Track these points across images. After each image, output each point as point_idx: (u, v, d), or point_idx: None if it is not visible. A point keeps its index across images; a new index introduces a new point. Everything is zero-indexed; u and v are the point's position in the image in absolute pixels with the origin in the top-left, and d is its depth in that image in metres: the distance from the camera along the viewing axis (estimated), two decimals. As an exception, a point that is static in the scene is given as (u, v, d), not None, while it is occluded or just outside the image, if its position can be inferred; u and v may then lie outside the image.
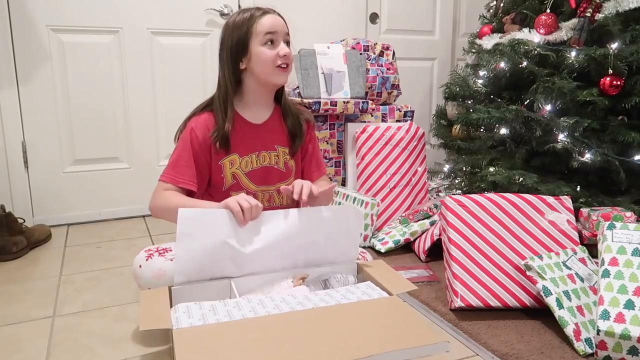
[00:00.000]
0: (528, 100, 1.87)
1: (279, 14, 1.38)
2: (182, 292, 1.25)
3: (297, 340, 0.98)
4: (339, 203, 2.13)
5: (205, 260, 1.19)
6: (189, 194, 1.37)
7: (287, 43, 1.37)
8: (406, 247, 1.95)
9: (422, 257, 1.84)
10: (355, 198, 2.05)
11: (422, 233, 1.92)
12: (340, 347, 0.96)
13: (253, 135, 1.42)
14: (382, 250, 1.91)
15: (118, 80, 2.34)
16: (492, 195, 1.51)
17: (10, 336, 1.35)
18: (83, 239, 2.15)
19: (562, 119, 1.72)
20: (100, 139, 2.36)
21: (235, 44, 1.34)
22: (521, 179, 1.77)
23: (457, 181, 2.24)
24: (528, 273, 1.35)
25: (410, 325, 1.05)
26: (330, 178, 2.29)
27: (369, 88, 2.36)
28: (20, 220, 1.99)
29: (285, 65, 1.36)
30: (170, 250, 1.30)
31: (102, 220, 2.40)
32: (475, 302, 1.40)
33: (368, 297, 1.18)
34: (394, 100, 2.49)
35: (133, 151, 2.43)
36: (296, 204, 1.66)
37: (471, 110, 2.07)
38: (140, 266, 1.27)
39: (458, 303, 1.40)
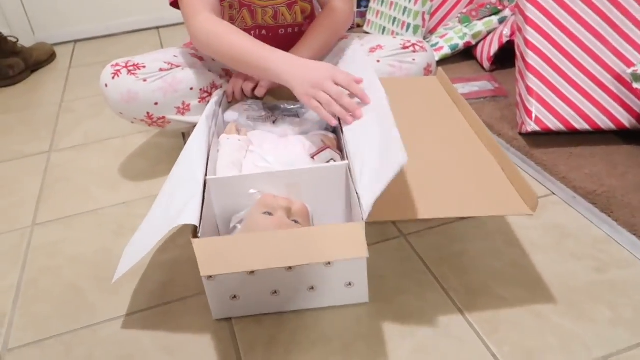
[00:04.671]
0: None
1: None
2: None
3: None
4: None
5: None
6: None
7: None
8: (466, 54, 1.58)
9: (487, 65, 1.48)
10: (402, -8, 1.62)
11: (488, 34, 1.53)
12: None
13: None
14: (436, 59, 1.54)
15: None
16: (592, -25, 1.07)
17: (0, 176, 1.19)
18: (90, 57, 1.90)
19: None
20: None
21: None
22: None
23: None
24: (635, 85, 0.99)
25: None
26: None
27: None
28: (11, 40, 1.73)
29: None
30: (144, 67, 1.00)
31: (110, 35, 2.10)
32: (554, 124, 1.07)
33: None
34: None
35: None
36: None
37: None
38: (106, 85, 1.01)
39: (531, 126, 1.08)
